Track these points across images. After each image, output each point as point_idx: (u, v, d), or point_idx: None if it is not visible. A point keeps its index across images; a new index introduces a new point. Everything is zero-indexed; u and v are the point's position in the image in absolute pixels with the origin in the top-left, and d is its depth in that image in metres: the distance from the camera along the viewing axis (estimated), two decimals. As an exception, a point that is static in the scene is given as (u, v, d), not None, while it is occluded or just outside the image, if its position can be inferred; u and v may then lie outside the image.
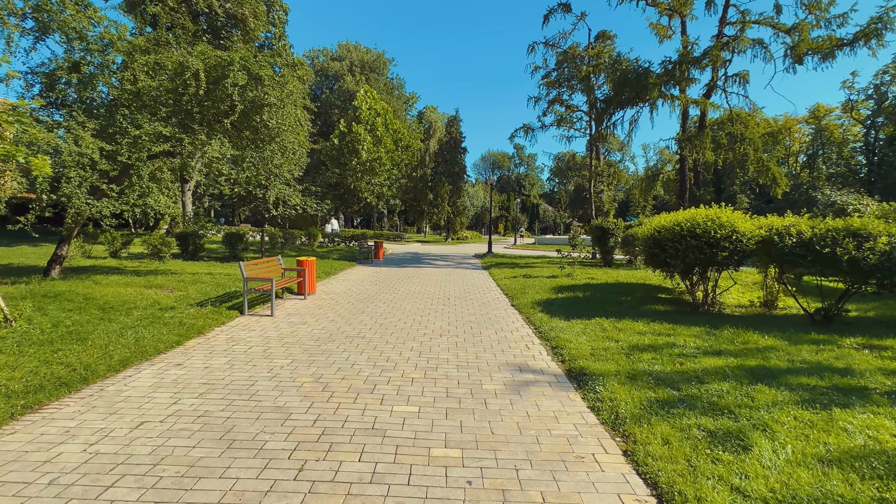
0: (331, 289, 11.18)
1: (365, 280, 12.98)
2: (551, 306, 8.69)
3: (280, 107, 9.90)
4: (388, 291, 10.92)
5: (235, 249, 16.82)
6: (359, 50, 52.74)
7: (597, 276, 12.95)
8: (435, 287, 11.82)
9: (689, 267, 7.76)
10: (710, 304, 8.16)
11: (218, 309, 7.70)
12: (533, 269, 15.53)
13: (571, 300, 9.32)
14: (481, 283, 12.88)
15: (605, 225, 17.05)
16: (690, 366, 4.99)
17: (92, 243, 16.51)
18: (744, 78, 17.55)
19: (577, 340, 6.18)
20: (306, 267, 9.84)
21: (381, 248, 20.17)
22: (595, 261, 19.77)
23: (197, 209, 35.54)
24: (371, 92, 44.28)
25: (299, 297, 9.72)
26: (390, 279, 13.31)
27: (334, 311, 8.35)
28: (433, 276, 14.46)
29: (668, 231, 7.92)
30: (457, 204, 46.36)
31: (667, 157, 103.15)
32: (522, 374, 5.01)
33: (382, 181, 43.75)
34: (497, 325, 7.44)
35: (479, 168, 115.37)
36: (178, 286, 9.85)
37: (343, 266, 16.08)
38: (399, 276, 14.27)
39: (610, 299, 9.36)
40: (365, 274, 14.60)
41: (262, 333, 6.59)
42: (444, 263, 19.16)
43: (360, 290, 11.12)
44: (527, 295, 10.04)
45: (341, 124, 42.34)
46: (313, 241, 22.95)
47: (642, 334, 6.46)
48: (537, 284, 11.61)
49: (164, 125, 9.04)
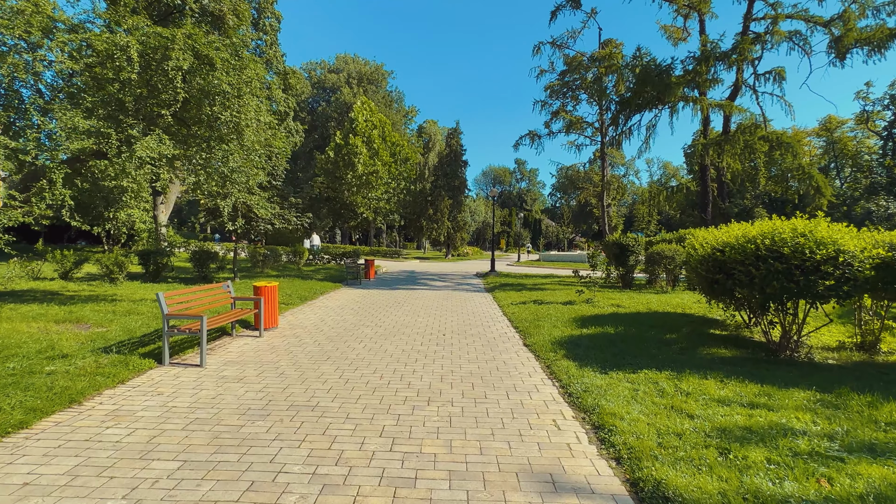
0: (300, 320, 9.13)
1: (345, 307, 10.93)
2: (577, 347, 6.64)
3: (236, 96, 7.99)
4: (370, 323, 8.87)
5: (204, 269, 14.82)
6: (357, 62, 51.63)
7: (622, 303, 10.89)
8: (428, 317, 9.77)
9: (768, 299, 5.71)
10: (794, 347, 6.09)
11: (127, 357, 5.65)
12: (544, 293, 13.47)
13: (600, 338, 7.26)
14: (484, 310, 10.83)
15: (625, 241, 15.05)
16: (844, 484, 2.92)
17: (42, 262, 14.54)
18: (779, 75, 15.74)
19: (629, 414, 4.13)
20: (264, 295, 7.81)
21: (373, 267, 18.17)
22: (611, 281, 17.70)
23: (193, 224, 33.48)
24: (368, 103, 42.90)
25: (254, 334, 7.67)
26: (376, 305, 11.26)
27: (291, 357, 6.29)
28: (428, 300, 12.41)
29: (736, 251, 5.90)
30: (457, 219, 44.50)
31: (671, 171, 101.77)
32: (558, 499, 2.95)
33: (379, 195, 42.00)
34: (509, 381, 5.38)
35: (480, 183, 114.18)
36: (103, 320, 7.82)
37: (325, 288, 14.05)
38: (388, 301, 12.22)
39: (650, 337, 7.29)
40: (348, 298, 12.56)
41: (167, 402, 4.53)
42: (441, 284, 17.12)
43: (336, 321, 9.07)
44: (542, 329, 7.99)
45: (337, 136, 40.84)
46: (299, 259, 20.97)
47: (725, 403, 4.39)
48: (553, 314, 9.55)
49: (83, 117, 7.14)
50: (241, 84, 8.13)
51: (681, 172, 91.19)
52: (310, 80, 52.14)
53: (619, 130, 16.80)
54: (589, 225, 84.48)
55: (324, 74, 51.29)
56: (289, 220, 13.90)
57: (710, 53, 14.47)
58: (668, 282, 14.20)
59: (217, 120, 7.94)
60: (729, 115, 17.96)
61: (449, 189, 43.24)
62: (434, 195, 42.86)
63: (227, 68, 7.93)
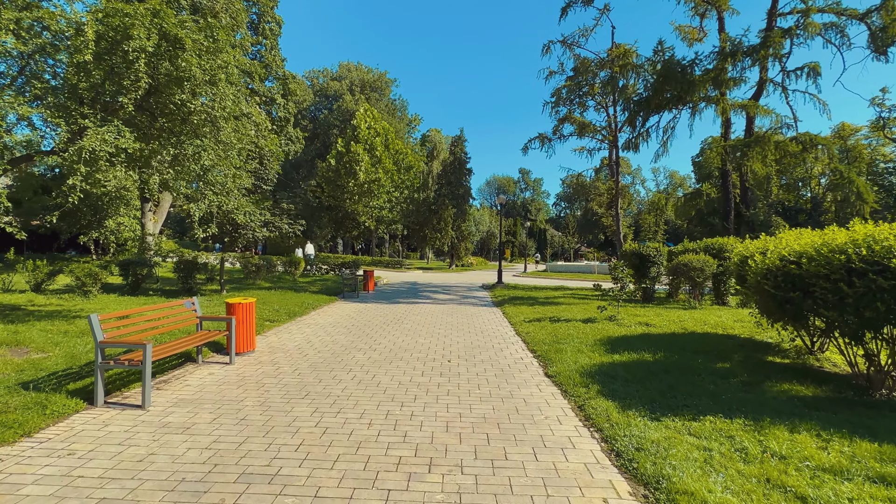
0: (283, 341, 7.94)
1: (338, 324, 9.73)
2: (612, 380, 5.42)
3: (208, 82, 6.89)
4: (363, 346, 7.67)
5: (190, 282, 13.68)
6: (360, 70, 51.05)
7: (651, 321, 9.63)
8: (431, 337, 8.55)
9: (865, 326, 4.47)
10: (894, 384, 4.83)
11: (49, 397, 4.48)
12: (558, 308, 12.23)
13: (639, 368, 6.02)
14: (494, 328, 9.61)
15: (645, 251, 13.82)
16: None
17: (13, 273, 13.47)
18: (814, 70, 14.58)
19: (713, 494, 2.92)
20: (237, 314, 6.64)
21: (372, 279, 17.00)
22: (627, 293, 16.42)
23: (195, 233, 32.36)
24: (371, 111, 42.11)
25: (224, 360, 6.48)
26: (373, 323, 10.06)
27: (261, 393, 5.10)
28: (431, 316, 11.19)
29: (818, 262, 4.69)
30: (461, 228, 43.37)
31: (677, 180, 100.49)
32: None
33: (382, 204, 40.98)
34: (534, 430, 4.16)
35: (484, 193, 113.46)
36: (48, 343, 6.66)
37: (319, 302, 12.86)
38: (386, 317, 11.02)
39: (700, 367, 6.04)
40: (342, 314, 11.36)
41: (73, 468, 3.33)
42: (445, 297, 15.90)
43: (325, 342, 7.87)
44: (565, 354, 6.76)
45: (339, 144, 39.99)
46: (295, 270, 19.84)
47: (841, 475, 3.16)
48: (574, 334, 8.32)
49: (22, 104, 6.05)
50: (217, 70, 7.03)
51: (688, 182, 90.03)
52: (312, 88, 51.57)
53: (636, 132, 15.68)
54: (595, 235, 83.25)
55: (326, 82, 50.70)
56: (279, 227, 12.74)
57: (736, 48, 13.37)
58: (695, 296, 12.93)
59: (187, 110, 6.83)
60: (752, 116, 16.83)
61: (453, 198, 42.19)
62: (438, 204, 41.81)
63: (199, 50, 6.84)
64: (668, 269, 12.47)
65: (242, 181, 9.32)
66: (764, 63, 16.12)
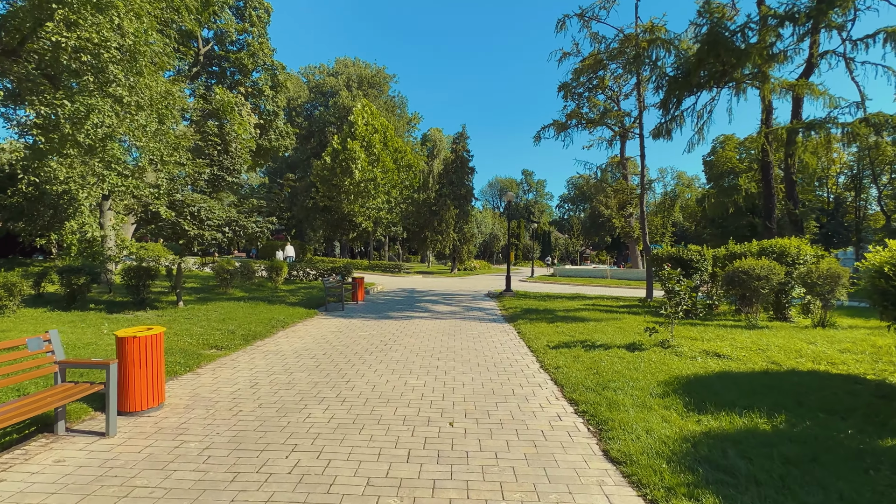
0: (218, 384, 5.64)
1: (305, 353, 7.43)
2: (729, 481, 3.14)
3: (87, 4, 4.61)
4: (327, 394, 5.36)
5: (142, 292, 11.42)
6: (357, 65, 48.93)
7: (717, 347, 7.30)
8: (424, 374, 6.26)
9: None
10: None
11: None
12: (586, 325, 9.91)
13: (757, 447, 3.70)
14: (510, 357, 7.31)
15: (686, 255, 11.53)
16: None
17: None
18: (893, 36, 12.23)
19: None
20: (128, 355, 4.36)
21: (362, 287, 14.71)
22: (687, 306, 14.11)
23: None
24: (369, 106, 39.96)
25: (99, 428, 4.20)
26: (351, 350, 7.76)
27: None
28: (427, 339, 8.89)
29: None
30: (464, 230, 41.02)
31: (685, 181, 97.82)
32: None
33: (379, 204, 38.74)
34: None
35: (487, 195, 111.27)
36: None
37: (293, 318, 10.58)
38: (371, 340, 8.72)
39: (854, 446, 3.73)
40: (316, 336, 9.07)
41: None
42: (446, 310, 13.60)
43: (275, 387, 5.58)
44: (625, 412, 4.47)
45: (334, 141, 37.81)
46: (277, 276, 17.56)
47: None
48: (623, 371, 6.01)
49: None
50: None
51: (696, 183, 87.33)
52: (307, 85, 49.43)
53: (669, 116, 13.40)
54: (601, 237, 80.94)
55: (322, 78, 48.50)
56: (244, 226, 10.51)
57: (792, 12, 11.08)
58: (748, 309, 10.57)
59: (60, 51, 4.54)
60: (801, 97, 14.54)
61: (455, 198, 39.87)
62: (439, 205, 39.50)
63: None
64: (724, 278, 10.12)
65: (182, 165, 7.02)
66: (815, 37, 13.83)
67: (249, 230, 10.77)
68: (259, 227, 10.97)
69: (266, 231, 11.12)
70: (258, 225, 10.99)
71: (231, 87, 27.29)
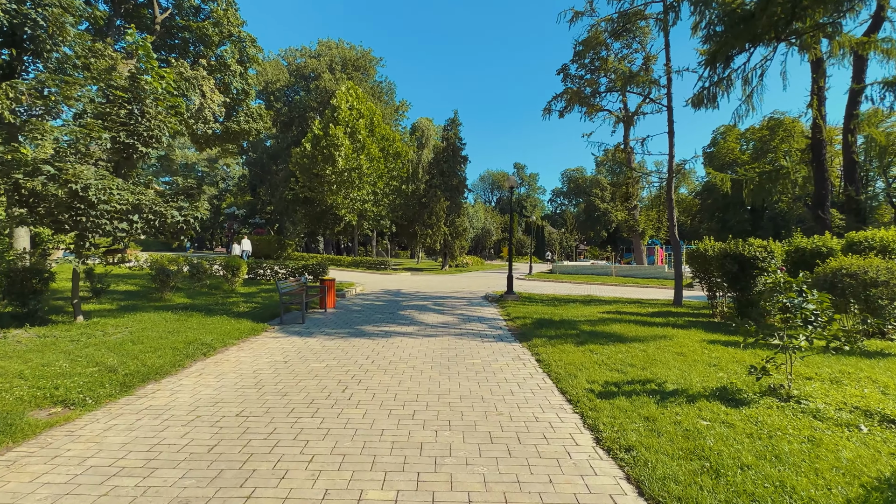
0: (56, 465, 2.83)
1: (205, 416, 4.59)
2: None
3: None
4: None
5: (28, 303, 8.48)
6: (341, 47, 45.59)
7: (870, 400, 4.65)
8: (396, 473, 3.49)
9: None
10: None
11: None
12: (630, 348, 7.20)
13: None
14: (539, 418, 4.56)
15: (749, 252, 8.89)
16: None
17: None
18: None
19: None
20: None
21: (332, 291, 11.87)
22: (696, 310, 11.52)
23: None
24: (354, 89, 36.85)
25: None
26: (282, 408, 4.94)
27: None
28: (408, 378, 6.12)
29: None
30: (455, 224, 38.18)
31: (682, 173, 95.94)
32: None
33: (364, 196, 35.76)
34: None
35: (478, 189, 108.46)
36: None
37: (229, 337, 7.74)
38: (322, 381, 5.92)
39: None
40: (245, 372, 6.24)
41: None
42: (437, 320, 10.83)
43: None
44: None
45: (315, 126, 34.71)
46: (235, 277, 14.64)
47: None
48: (759, 465, 3.30)
49: None
50: None
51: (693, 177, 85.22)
52: (288, 69, 46.00)
53: (717, 77, 10.75)
54: (597, 231, 78.77)
55: (304, 61, 45.08)
56: (162, 213, 7.63)
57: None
58: (863, 329, 7.84)
59: None
60: (865, 57, 11.98)
61: (446, 189, 37.01)
62: (429, 196, 36.61)
63: None
64: (815, 282, 7.48)
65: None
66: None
67: (169, 219, 7.86)
68: (184, 216, 8.05)
69: (194, 221, 8.22)
70: (183, 212, 8.07)
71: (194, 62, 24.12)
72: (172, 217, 7.92)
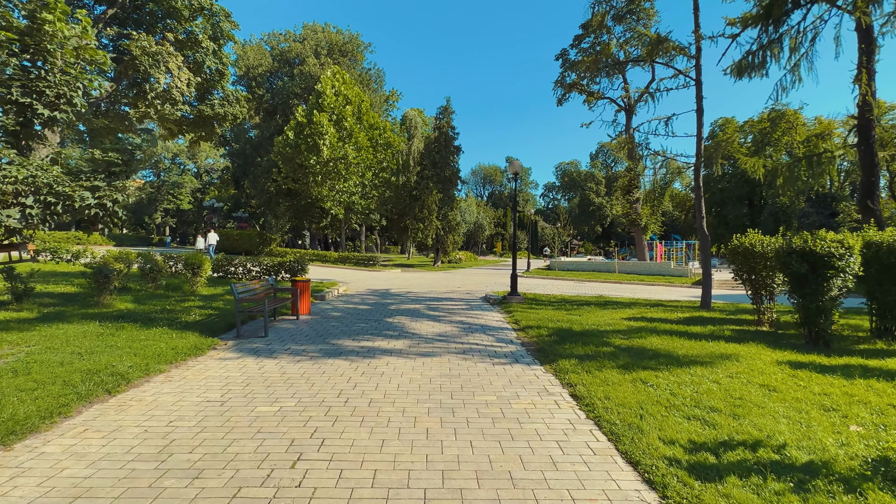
0: None
1: None
2: None
3: None
4: None
5: None
6: (327, 31, 43.19)
7: None
8: None
9: None
10: None
11: None
12: (691, 374, 5.42)
13: None
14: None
15: (821, 248, 7.17)
16: None
17: None
18: None
19: None
20: None
21: (306, 295, 9.95)
22: (732, 315, 9.84)
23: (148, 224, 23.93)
24: (341, 73, 34.68)
25: None
26: (185, 501, 3.08)
27: None
28: (393, 434, 4.27)
29: None
30: (448, 218, 36.25)
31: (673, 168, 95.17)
32: None
33: (351, 188, 33.68)
34: None
35: (470, 183, 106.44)
36: None
37: (159, 362, 5.82)
38: (262, 447, 4.05)
39: None
40: (150, 428, 4.33)
41: None
42: (432, 331, 8.97)
43: None
44: None
45: (299, 113, 32.46)
46: (196, 277, 12.63)
47: None
48: None
49: None
50: None
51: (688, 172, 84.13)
52: (271, 54, 43.52)
53: (766, 38, 8.99)
54: (591, 226, 77.43)
55: (288, 45, 42.62)
56: (69, 196, 5.62)
57: None
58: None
59: None
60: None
61: (438, 181, 35.02)
62: (420, 189, 34.61)
63: None
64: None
65: None
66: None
67: (77, 202, 5.88)
68: (97, 199, 6.07)
69: (113, 206, 6.24)
70: (96, 194, 6.09)
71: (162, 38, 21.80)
72: (82, 200, 5.93)
